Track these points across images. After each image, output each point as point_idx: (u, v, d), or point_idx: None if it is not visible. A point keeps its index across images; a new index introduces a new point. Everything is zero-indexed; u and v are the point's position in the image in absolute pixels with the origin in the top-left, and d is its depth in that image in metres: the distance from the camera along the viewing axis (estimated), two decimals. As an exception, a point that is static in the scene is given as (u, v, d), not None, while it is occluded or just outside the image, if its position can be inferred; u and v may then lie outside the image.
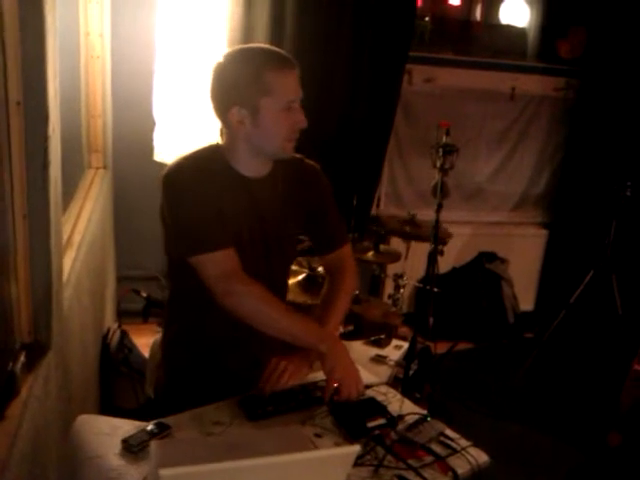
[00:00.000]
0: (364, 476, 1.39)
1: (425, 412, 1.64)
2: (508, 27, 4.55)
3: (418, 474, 1.40)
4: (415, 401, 2.71)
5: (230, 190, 1.63)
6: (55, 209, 1.61)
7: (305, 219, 1.79)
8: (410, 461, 1.44)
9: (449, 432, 1.57)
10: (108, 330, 3.00)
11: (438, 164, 2.70)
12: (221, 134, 1.71)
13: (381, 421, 1.54)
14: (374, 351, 2.82)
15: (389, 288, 3.62)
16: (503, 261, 4.35)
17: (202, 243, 1.56)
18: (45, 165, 1.49)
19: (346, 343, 2.79)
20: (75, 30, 2.84)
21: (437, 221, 2.78)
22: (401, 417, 1.59)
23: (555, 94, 4.36)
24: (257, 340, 1.67)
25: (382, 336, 2.87)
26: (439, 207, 2.76)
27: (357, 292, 2.93)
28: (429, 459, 1.46)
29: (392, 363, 2.74)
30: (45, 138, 1.47)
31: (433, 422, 1.58)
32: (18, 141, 1.42)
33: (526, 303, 4.51)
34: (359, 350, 2.80)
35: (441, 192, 2.71)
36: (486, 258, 4.29)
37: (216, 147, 1.70)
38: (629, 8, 3.99)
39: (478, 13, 4.74)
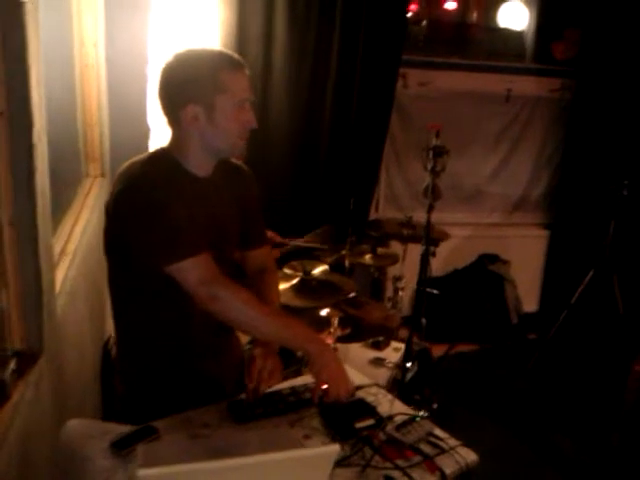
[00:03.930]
0: (351, 477, 1.39)
1: (414, 412, 1.64)
2: (504, 30, 4.56)
3: (405, 474, 1.40)
4: (415, 403, 2.73)
5: (187, 191, 1.64)
6: (43, 216, 1.61)
7: (240, 216, 1.82)
8: (398, 461, 1.45)
9: (438, 432, 1.57)
10: (109, 338, 3.01)
11: (429, 166, 2.71)
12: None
13: (369, 422, 1.55)
14: (373, 354, 2.81)
15: (390, 291, 3.62)
16: (505, 262, 4.34)
17: (181, 249, 1.54)
18: (31, 173, 1.50)
19: (344, 346, 2.80)
20: (69, 40, 2.86)
21: (428, 222, 2.79)
22: (390, 418, 1.60)
23: (551, 95, 4.37)
24: (233, 347, 1.68)
25: (381, 338, 2.87)
26: (430, 209, 2.77)
27: (355, 295, 2.92)
28: (417, 459, 1.47)
29: (391, 365, 2.73)
30: (30, 146, 1.49)
31: (422, 422, 1.58)
32: (3, 149, 1.44)
33: (530, 304, 4.50)
34: (358, 353, 2.80)
35: (432, 194, 2.71)
36: (488, 260, 4.29)
37: (163, 150, 1.70)
38: (623, 8, 3.99)
39: (474, 16, 4.76)
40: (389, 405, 1.67)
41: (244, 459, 1.08)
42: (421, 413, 1.63)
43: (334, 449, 1.16)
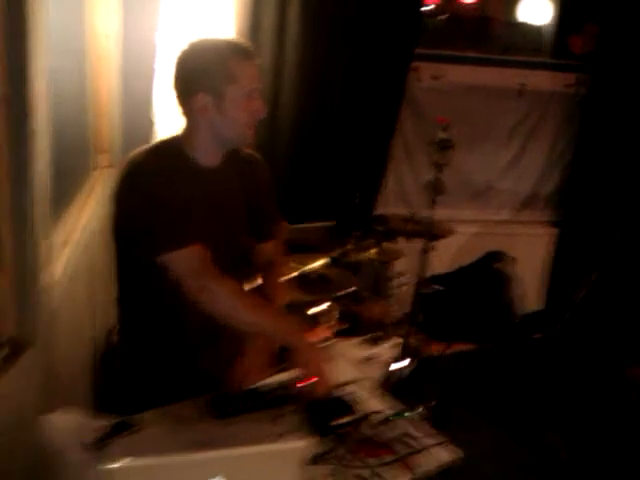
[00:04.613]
0: (325, 474, 1.41)
1: (396, 409, 1.66)
2: (524, 24, 4.51)
3: (375, 473, 1.42)
4: (410, 401, 2.74)
5: (190, 182, 1.67)
6: (42, 205, 1.63)
7: (250, 208, 1.85)
8: (372, 459, 1.46)
9: (415, 431, 1.58)
10: (111, 328, 3.04)
11: (434, 160, 2.72)
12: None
13: (348, 419, 1.56)
14: (370, 349, 2.82)
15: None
16: (511, 260, 4.32)
17: (172, 240, 1.58)
18: (29, 160, 1.52)
19: (341, 340, 2.81)
20: (81, 31, 2.89)
21: (428, 218, 2.80)
22: (370, 415, 1.61)
23: (565, 90, 4.31)
24: (229, 339, 1.71)
25: (378, 334, 2.87)
26: (431, 204, 2.77)
27: (356, 289, 2.94)
28: (391, 457, 1.48)
29: (387, 362, 2.74)
30: (29, 133, 1.50)
31: (400, 421, 1.59)
32: (2, 136, 1.46)
33: (535, 303, 4.47)
34: (354, 348, 2.80)
35: (434, 188, 2.71)
36: (493, 257, 4.27)
37: (173, 139, 1.74)
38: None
39: (494, 11, 4.71)
40: (372, 402, 1.69)
41: (210, 453, 1.12)
42: (407, 413, 1.63)
43: (302, 444, 1.19)
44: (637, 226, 3.79)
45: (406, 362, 2.82)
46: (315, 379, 1.58)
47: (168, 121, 3.03)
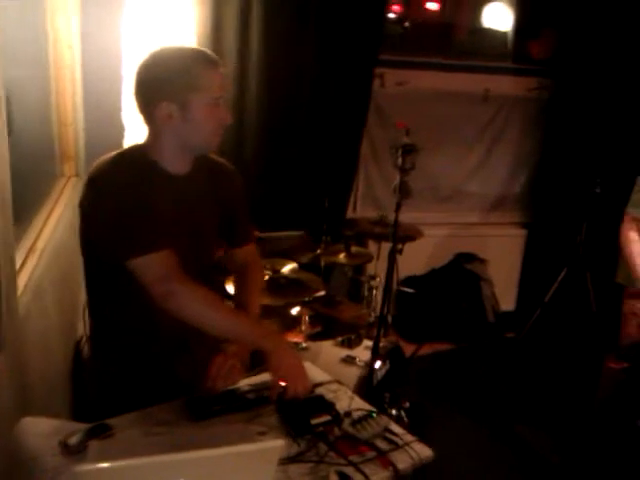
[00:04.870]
0: (304, 472, 1.40)
1: (372, 408, 1.65)
2: (487, 30, 4.59)
3: (357, 469, 1.41)
4: (386, 402, 2.75)
5: (157, 188, 1.65)
6: (2, 214, 1.62)
7: (221, 215, 1.84)
8: (352, 457, 1.45)
9: (394, 427, 1.58)
10: (81, 337, 3.00)
11: (398, 164, 2.74)
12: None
13: (326, 418, 1.55)
14: (344, 352, 2.83)
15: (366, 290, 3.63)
16: (482, 261, 4.37)
17: (139, 245, 1.56)
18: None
19: (316, 344, 2.82)
20: (43, 41, 2.86)
21: (395, 221, 2.82)
22: (348, 414, 1.61)
23: (528, 94, 4.39)
24: (202, 344, 1.69)
25: (352, 336, 2.88)
26: (398, 207, 2.79)
27: (327, 293, 2.94)
28: (371, 454, 1.48)
29: (361, 364, 2.75)
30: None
31: (379, 418, 1.59)
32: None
33: (507, 303, 4.53)
34: (329, 351, 2.81)
35: (400, 192, 2.74)
36: (464, 259, 4.31)
37: (138, 147, 1.72)
38: (599, 8, 4.02)
39: (457, 17, 4.78)
40: (348, 401, 1.68)
41: (187, 454, 1.09)
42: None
43: (278, 444, 1.18)
44: (602, 224, 3.87)
45: (380, 363, 2.82)
46: (290, 381, 1.57)
47: (139, 128, 3.00)
